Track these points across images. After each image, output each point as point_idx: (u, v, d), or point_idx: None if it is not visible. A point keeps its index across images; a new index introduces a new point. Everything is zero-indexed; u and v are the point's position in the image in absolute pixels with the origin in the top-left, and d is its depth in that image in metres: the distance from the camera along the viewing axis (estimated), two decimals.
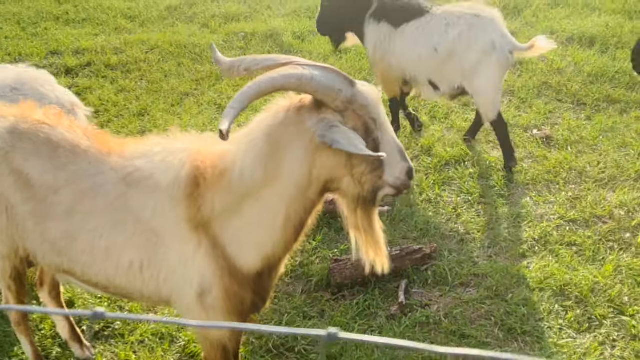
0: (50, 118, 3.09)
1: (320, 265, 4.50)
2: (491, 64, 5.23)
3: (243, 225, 2.71)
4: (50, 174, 2.94)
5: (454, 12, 5.45)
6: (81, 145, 2.98)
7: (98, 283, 3.04)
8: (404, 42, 5.54)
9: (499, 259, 4.58)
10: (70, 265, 3.02)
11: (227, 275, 2.77)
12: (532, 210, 5.04)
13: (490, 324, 3.99)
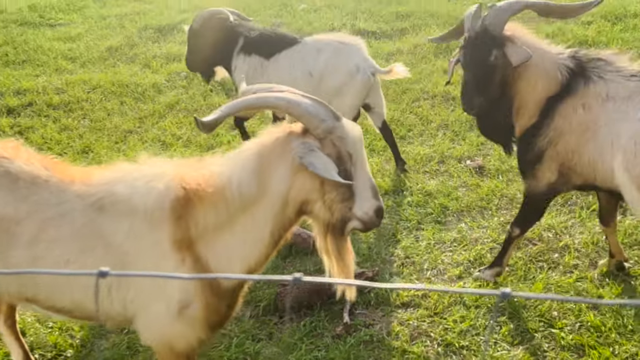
0: (8, 151, 3.18)
1: (267, 291, 4.66)
2: (356, 84, 5.90)
3: (233, 240, 2.89)
4: (11, 206, 3.02)
5: (323, 39, 6.16)
6: (41, 176, 3.08)
7: (63, 308, 3.14)
8: (278, 70, 6.09)
9: (437, 280, 4.82)
10: (34, 292, 3.11)
11: (208, 289, 2.95)
12: (467, 234, 5.31)
13: (430, 340, 4.21)
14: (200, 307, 2.95)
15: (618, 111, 3.93)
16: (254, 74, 6.13)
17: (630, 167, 3.79)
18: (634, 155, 3.78)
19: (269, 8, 13.00)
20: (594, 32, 10.25)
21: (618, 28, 10.36)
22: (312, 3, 13.20)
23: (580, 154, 4.08)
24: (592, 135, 4.01)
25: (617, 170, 3.87)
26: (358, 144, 2.81)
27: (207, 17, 6.29)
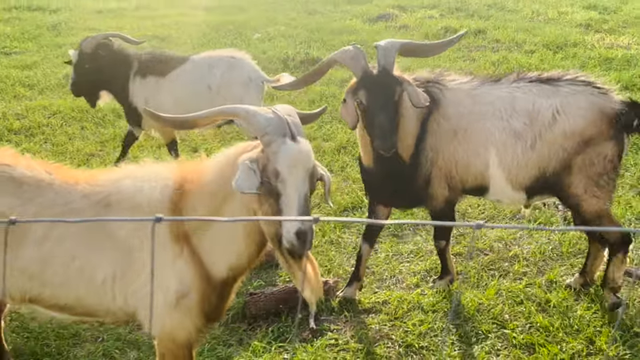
0: (7, 159, 3.35)
1: (235, 300, 4.86)
2: (251, 94, 6.45)
3: (215, 236, 3.12)
4: (19, 209, 3.18)
5: (213, 55, 6.83)
6: (44, 179, 3.26)
7: (66, 305, 3.32)
8: (176, 87, 6.59)
9: (396, 288, 5.09)
10: (39, 290, 3.28)
11: (204, 280, 3.17)
12: (423, 246, 5.61)
13: (392, 342, 4.46)
14: (196, 297, 3.17)
15: (473, 113, 4.52)
16: (152, 93, 6.62)
17: (503, 160, 4.48)
18: (504, 148, 4.46)
19: (225, 37, 13.30)
20: (537, 60, 10.82)
21: (559, 56, 10.95)
22: (266, 33, 13.56)
23: (456, 160, 4.56)
24: (459, 140, 4.52)
25: (491, 165, 4.51)
26: (290, 163, 2.85)
27: (97, 42, 6.62)
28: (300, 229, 2.82)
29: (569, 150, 4.41)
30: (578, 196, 4.49)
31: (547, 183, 4.52)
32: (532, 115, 4.45)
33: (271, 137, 2.88)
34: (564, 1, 15.90)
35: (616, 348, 4.30)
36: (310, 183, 2.94)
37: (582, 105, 4.40)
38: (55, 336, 4.46)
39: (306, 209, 2.88)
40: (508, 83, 4.62)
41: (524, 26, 13.34)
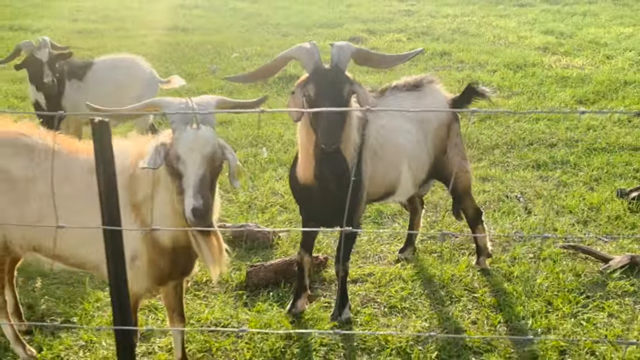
0: (26, 129, 4.02)
1: (236, 274, 5.47)
2: (152, 92, 7.51)
3: (156, 210, 3.60)
4: (29, 169, 3.86)
5: (113, 58, 7.90)
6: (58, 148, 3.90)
7: (61, 255, 3.94)
8: (90, 87, 7.48)
9: (380, 263, 5.75)
10: (40, 241, 3.92)
11: (151, 246, 3.70)
12: (400, 231, 6.29)
13: (378, 304, 5.11)
14: (144, 261, 3.70)
15: (387, 129, 4.99)
16: (77, 94, 7.46)
17: (413, 167, 5.11)
18: (416, 157, 5.12)
19: (204, 56, 13.95)
20: (498, 79, 11.65)
21: (519, 75, 11.81)
22: (243, 52, 14.25)
23: (386, 172, 4.99)
24: (382, 155, 4.88)
25: (404, 172, 5.07)
26: (187, 148, 3.25)
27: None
28: (195, 206, 3.21)
29: (444, 137, 5.30)
30: (458, 174, 5.43)
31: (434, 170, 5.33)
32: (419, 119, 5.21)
33: (176, 124, 3.32)
34: (522, 27, 16.89)
35: (570, 307, 5.00)
36: (209, 166, 3.30)
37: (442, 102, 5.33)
38: (81, 299, 5.04)
39: (204, 188, 3.26)
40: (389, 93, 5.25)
41: (486, 49, 14.23)
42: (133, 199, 3.66)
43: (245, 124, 9.53)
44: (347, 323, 4.84)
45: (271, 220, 6.54)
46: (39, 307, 4.97)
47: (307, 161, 4.44)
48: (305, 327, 4.76)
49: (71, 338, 4.64)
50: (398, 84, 5.35)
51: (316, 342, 4.59)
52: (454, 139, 5.41)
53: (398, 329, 4.76)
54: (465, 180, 5.55)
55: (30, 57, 7.16)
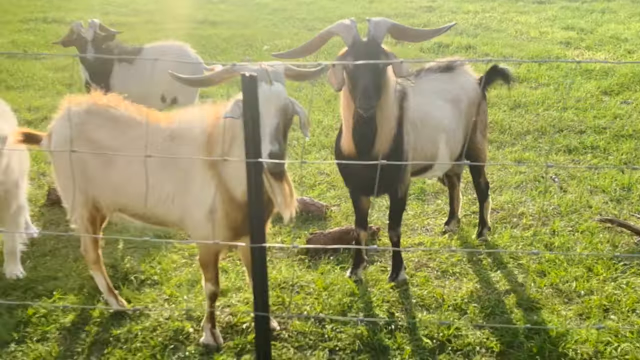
0: (113, 102, 4.50)
1: (296, 241, 5.90)
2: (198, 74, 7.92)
3: (232, 166, 4.03)
4: (115, 139, 4.35)
5: (163, 45, 8.18)
6: (136, 118, 4.41)
7: (143, 214, 4.44)
8: (138, 71, 7.83)
9: (426, 235, 6.17)
10: (125, 202, 4.42)
11: (227, 200, 4.12)
12: (444, 207, 6.70)
13: (430, 269, 5.52)
14: (222, 214, 4.10)
15: (425, 105, 5.35)
16: (125, 76, 7.87)
17: (450, 143, 5.46)
18: (453, 133, 5.47)
19: (236, 48, 14.39)
20: (524, 71, 12.03)
21: (544, 67, 12.19)
22: (274, 44, 14.68)
23: (425, 146, 5.30)
24: (421, 129, 5.20)
25: (441, 147, 5.42)
26: (264, 100, 3.57)
27: None
28: (272, 151, 3.62)
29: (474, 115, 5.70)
30: (479, 150, 5.87)
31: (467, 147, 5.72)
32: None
33: None
34: (543, 23, 17.25)
35: (610, 272, 5.40)
36: (282, 117, 3.74)
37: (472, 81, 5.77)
38: (159, 261, 5.48)
39: (277, 135, 3.68)
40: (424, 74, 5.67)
41: (509, 42, 14.62)
42: (209, 156, 4.12)
43: None
44: (403, 284, 5.25)
45: (321, 196, 6.96)
46: (123, 266, 5.41)
47: (348, 131, 4.78)
48: (366, 288, 5.17)
49: (155, 292, 5.08)
50: (431, 66, 5.77)
51: (379, 299, 5.01)
52: (481, 117, 5.85)
53: (452, 290, 5.16)
54: (484, 157, 6.00)
55: (78, 35, 7.63)
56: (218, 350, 4.42)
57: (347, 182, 5.32)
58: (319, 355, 4.38)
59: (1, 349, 4.40)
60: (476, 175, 6.05)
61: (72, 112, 4.40)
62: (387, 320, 4.73)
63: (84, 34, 7.53)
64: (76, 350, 4.42)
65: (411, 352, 4.41)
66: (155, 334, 4.57)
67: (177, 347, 4.46)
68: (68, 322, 4.67)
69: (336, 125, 9.24)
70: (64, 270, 5.38)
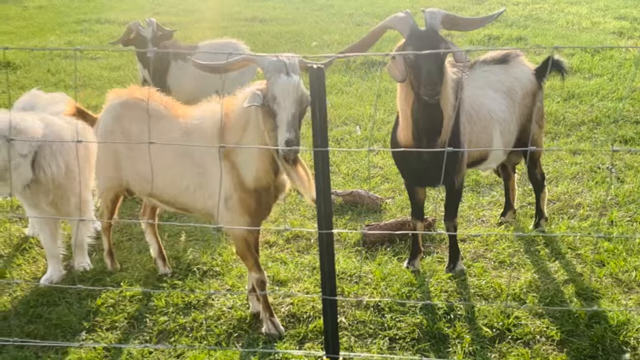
0: (145, 95, 4.80)
1: (352, 233, 5.98)
2: (250, 74, 7.94)
3: (244, 155, 4.24)
4: (143, 132, 4.63)
5: (217, 42, 8.34)
6: (162, 112, 4.72)
7: (169, 201, 4.78)
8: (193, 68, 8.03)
9: (483, 226, 6.18)
10: (154, 191, 4.73)
11: (239, 188, 4.31)
12: (499, 199, 6.70)
13: (487, 260, 5.55)
14: (236, 200, 4.32)
15: (479, 96, 5.40)
16: (181, 73, 8.12)
17: (504, 134, 5.46)
18: (506, 124, 5.49)
19: (285, 44, 14.52)
20: (577, 61, 11.89)
21: (597, 58, 12.03)
22: (322, 40, 14.77)
23: (480, 137, 5.31)
24: (476, 120, 5.24)
25: (495, 138, 5.42)
26: (282, 90, 3.85)
27: None
28: (288, 138, 3.83)
29: (529, 105, 5.70)
30: (535, 140, 5.86)
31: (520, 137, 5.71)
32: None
33: (271, 73, 3.92)
34: (595, 13, 16.99)
35: None
36: (298, 107, 3.89)
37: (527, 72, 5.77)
38: (219, 253, 5.62)
39: (294, 123, 3.86)
40: (478, 66, 5.70)
41: (561, 33, 14.45)
42: (225, 150, 4.27)
43: (336, 106, 10.03)
44: (461, 274, 5.28)
45: (375, 189, 7.03)
46: (186, 258, 5.56)
47: (406, 123, 4.81)
48: (424, 279, 5.22)
49: (217, 283, 5.21)
50: (486, 58, 5.80)
51: (437, 289, 5.06)
52: (538, 108, 5.81)
53: (510, 280, 5.18)
54: (541, 147, 6.01)
55: (137, 34, 7.85)
56: (280, 339, 4.52)
57: (404, 173, 5.38)
58: (380, 343, 4.45)
59: (73, 336, 4.58)
60: (532, 166, 6.03)
61: (111, 104, 4.94)
62: (446, 309, 4.77)
63: (143, 32, 7.74)
64: (144, 338, 4.57)
65: (471, 340, 4.45)
66: (219, 322, 4.70)
67: (241, 335, 4.58)
68: (135, 311, 4.83)
69: (388, 119, 9.29)
70: (129, 262, 5.56)
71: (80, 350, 4.39)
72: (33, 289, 5.17)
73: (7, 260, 5.65)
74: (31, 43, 15.09)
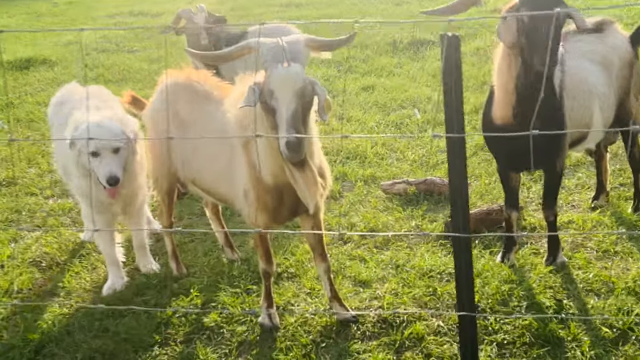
0: (199, 77, 4.55)
1: (432, 225, 5.48)
2: None
3: (259, 150, 3.73)
4: (192, 114, 4.39)
5: (267, 26, 7.44)
6: (209, 94, 4.43)
7: (209, 190, 4.53)
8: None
9: (574, 212, 5.64)
10: (195, 176, 4.48)
11: (257, 183, 3.91)
12: (586, 180, 6.15)
13: (589, 249, 5.01)
14: (253, 196, 3.97)
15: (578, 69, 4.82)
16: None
17: (604, 110, 4.93)
18: (605, 98, 4.92)
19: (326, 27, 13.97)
20: None
21: None
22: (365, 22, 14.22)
23: (580, 114, 4.75)
24: (575, 95, 4.71)
25: (595, 114, 4.87)
26: (279, 84, 3.39)
27: None
28: (289, 140, 3.35)
29: (627, 77, 5.14)
30: (632, 114, 5.23)
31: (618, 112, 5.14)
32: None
33: (268, 63, 3.46)
34: None
35: None
36: (301, 101, 3.43)
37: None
38: (291, 252, 5.16)
39: (296, 122, 3.38)
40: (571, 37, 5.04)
41: None
42: (244, 140, 3.93)
43: (388, 88, 9.52)
44: (562, 267, 4.76)
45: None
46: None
47: (506, 98, 4.29)
48: (522, 273, 4.71)
49: (294, 286, 4.75)
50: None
51: (540, 285, 4.54)
52: (635, 78, 5.27)
53: (620, 272, 4.65)
54: (639, 122, 5.36)
55: (189, 22, 7.43)
56: (276, 330, 4.25)
57: (499, 157, 4.86)
58: (487, 350, 3.95)
59: (144, 352, 4.15)
60: (632, 144, 5.47)
61: (164, 86, 4.63)
62: (555, 308, 4.26)
63: (196, 19, 7.32)
64: (222, 351, 4.12)
65: (590, 343, 3.93)
66: (303, 330, 4.24)
67: (329, 345, 4.11)
68: (211, 321, 4.37)
69: None
70: (197, 266, 5.11)
71: None
72: (95, 298, 4.75)
73: (64, 267, 5.23)
74: (64, 39, 14.76)
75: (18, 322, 4.51)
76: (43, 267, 5.25)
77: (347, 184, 6.52)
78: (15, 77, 11.44)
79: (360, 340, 4.13)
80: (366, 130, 7.97)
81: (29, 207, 6.33)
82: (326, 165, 4.05)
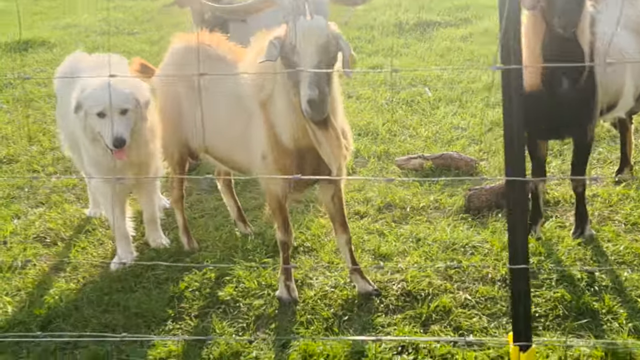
0: (212, 40, 4.30)
1: (451, 199, 5.27)
2: None
3: (277, 108, 3.61)
4: (206, 79, 4.02)
5: None
6: (222, 57, 4.21)
7: (223, 157, 4.33)
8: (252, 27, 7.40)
9: (598, 185, 5.44)
10: (208, 144, 4.19)
11: (275, 146, 3.72)
12: (607, 155, 5.95)
13: (615, 222, 4.83)
14: (272, 159, 3.75)
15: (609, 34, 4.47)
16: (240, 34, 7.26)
17: (635, 77, 4.68)
18: (637, 65, 4.67)
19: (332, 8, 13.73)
20: None
21: None
22: (370, 2, 13.96)
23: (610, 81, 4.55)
24: (607, 60, 4.45)
25: (627, 81, 4.67)
26: (301, 37, 3.24)
27: None
28: (310, 97, 3.20)
29: None
30: None
31: None
32: None
33: (290, 16, 3.30)
34: None
35: None
36: (324, 56, 3.29)
37: None
38: (306, 226, 4.96)
39: (318, 78, 3.22)
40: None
41: None
42: (260, 98, 3.73)
43: (396, 67, 9.30)
44: (591, 240, 4.56)
45: (465, 151, 6.29)
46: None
47: (534, 62, 4.10)
48: (549, 246, 4.51)
49: (312, 259, 4.55)
50: None
51: (569, 257, 4.34)
52: None
53: None
54: None
55: None
56: (295, 304, 4.03)
57: (528, 124, 4.62)
58: None
59: (157, 326, 3.94)
60: None
61: (175, 49, 4.48)
62: (587, 280, 4.07)
63: None
64: (240, 325, 3.91)
65: (627, 315, 3.74)
66: (323, 304, 4.04)
67: (352, 319, 3.91)
68: (226, 295, 4.17)
69: (458, 78, 8.56)
70: (208, 241, 4.90)
71: (168, 341, 3.75)
72: (104, 274, 4.54)
73: (69, 243, 5.02)
74: (63, 22, 14.48)
75: (23, 297, 4.31)
76: (47, 243, 5.04)
77: (361, 160, 6.30)
78: (13, 59, 11.20)
79: (384, 314, 3.93)
80: (376, 108, 7.75)
81: (31, 184, 6.11)
82: (347, 125, 3.85)
